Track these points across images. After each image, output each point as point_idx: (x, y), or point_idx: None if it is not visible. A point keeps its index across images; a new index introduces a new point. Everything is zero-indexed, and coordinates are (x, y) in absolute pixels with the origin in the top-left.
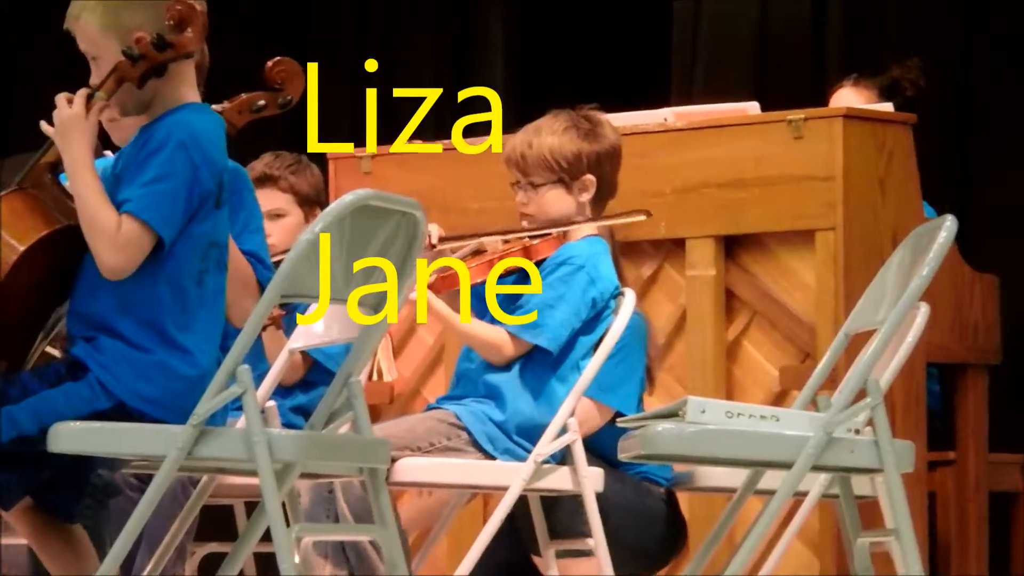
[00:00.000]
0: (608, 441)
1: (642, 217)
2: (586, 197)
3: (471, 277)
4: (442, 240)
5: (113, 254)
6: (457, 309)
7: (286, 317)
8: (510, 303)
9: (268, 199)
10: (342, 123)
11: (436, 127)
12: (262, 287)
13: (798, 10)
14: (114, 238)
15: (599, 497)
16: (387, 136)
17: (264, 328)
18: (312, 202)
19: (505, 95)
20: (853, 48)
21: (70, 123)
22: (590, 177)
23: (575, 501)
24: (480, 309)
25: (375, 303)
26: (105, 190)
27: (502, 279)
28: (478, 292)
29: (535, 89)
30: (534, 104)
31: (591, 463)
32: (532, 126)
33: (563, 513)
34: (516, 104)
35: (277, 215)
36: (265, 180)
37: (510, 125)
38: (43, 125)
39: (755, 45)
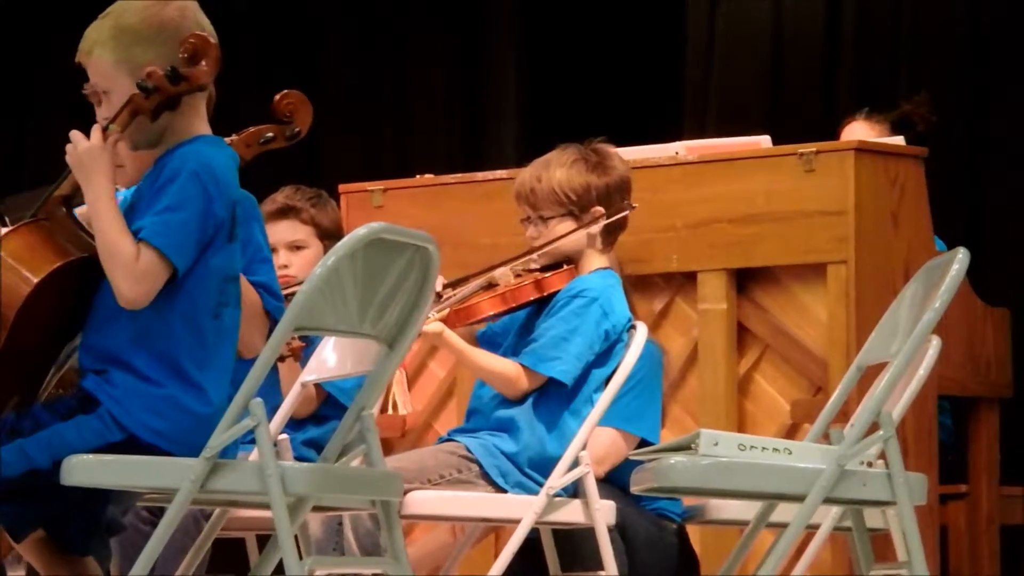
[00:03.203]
0: (631, 474)
1: (627, 211)
2: (596, 229)
3: (484, 310)
4: (446, 287)
5: (132, 284)
6: (472, 343)
7: (304, 349)
8: (523, 336)
9: (289, 230)
10: (353, 157)
11: (448, 161)
12: (272, 317)
13: (810, 43)
14: (133, 268)
15: (624, 530)
16: (398, 171)
17: (283, 359)
18: (332, 236)
19: (517, 129)
20: (865, 81)
21: (89, 155)
22: (600, 209)
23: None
24: (494, 343)
25: (389, 336)
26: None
27: (514, 313)
28: (491, 325)
29: (547, 123)
30: (546, 138)
31: (614, 496)
32: (540, 160)
33: (587, 545)
34: (528, 138)
35: (297, 246)
36: (287, 211)
37: (521, 159)
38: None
39: (767, 79)
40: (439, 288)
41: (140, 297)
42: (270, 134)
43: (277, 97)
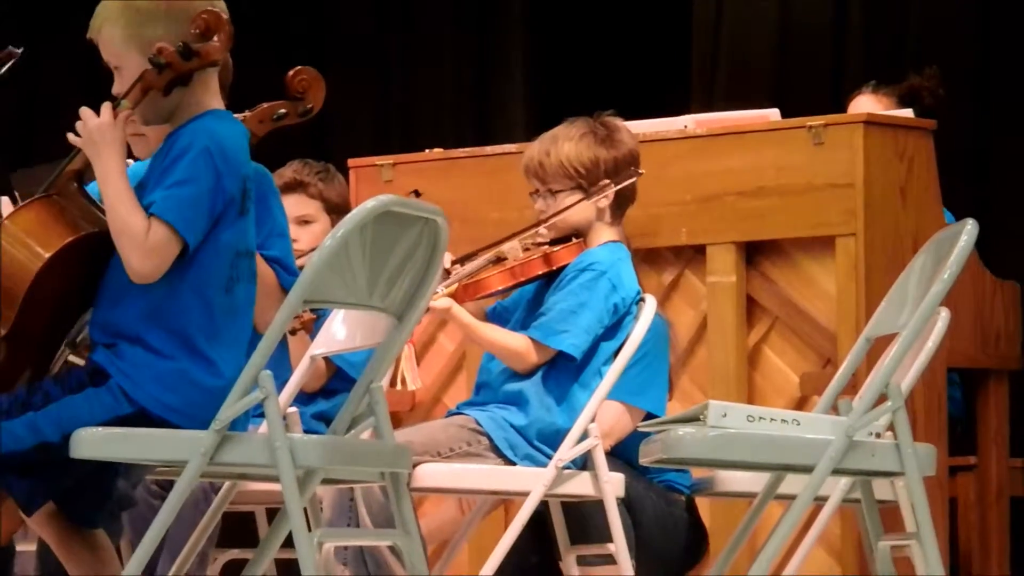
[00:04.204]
0: (637, 448)
1: (635, 178)
2: (605, 203)
3: (493, 285)
4: (454, 264)
5: (142, 259)
6: (481, 318)
7: (316, 322)
8: (532, 310)
9: (297, 205)
10: (363, 133)
11: (457, 136)
12: (287, 293)
13: (818, 16)
14: (143, 243)
15: (631, 504)
16: (408, 146)
17: (294, 332)
18: (340, 210)
19: (526, 104)
20: (873, 54)
21: (99, 131)
22: (608, 182)
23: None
24: (503, 319)
25: (398, 309)
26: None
27: (523, 287)
28: (501, 302)
29: (555, 98)
30: (554, 112)
31: (621, 470)
32: (549, 134)
33: (596, 518)
34: (536, 112)
35: (305, 221)
36: (295, 186)
37: (530, 133)
38: (71, 137)
39: (775, 51)
40: (447, 265)
41: (151, 272)
42: (283, 110)
43: (290, 73)
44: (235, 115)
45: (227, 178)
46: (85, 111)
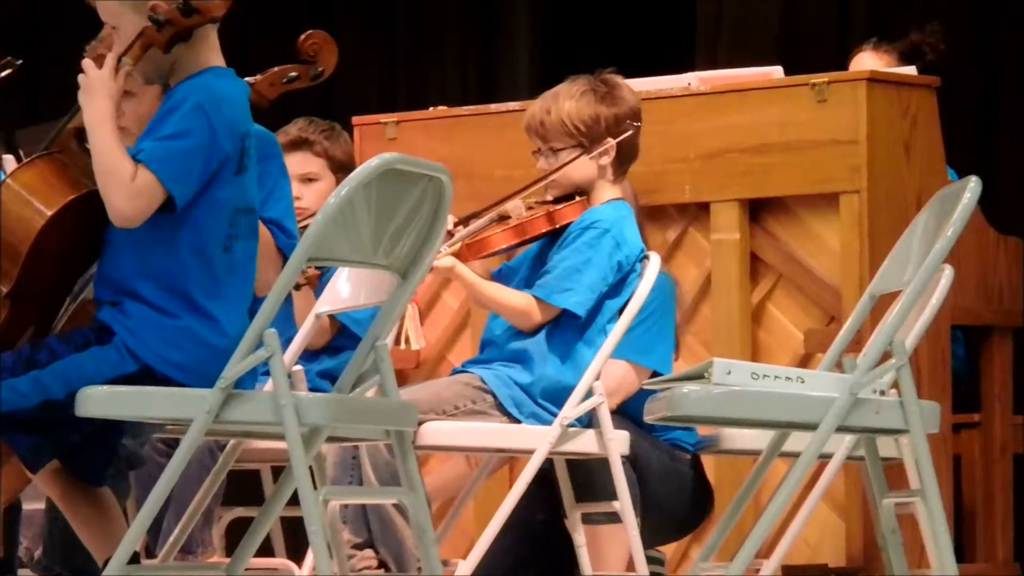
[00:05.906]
0: (643, 406)
1: (632, 131)
2: (607, 160)
3: (496, 243)
4: (457, 224)
5: (127, 201)
6: (485, 279)
7: (320, 278)
8: (536, 268)
9: (302, 163)
10: (367, 90)
11: (462, 94)
12: (283, 255)
13: None
14: (129, 186)
15: (636, 462)
16: (412, 104)
17: (298, 287)
18: (345, 168)
19: (530, 61)
20: (878, 10)
21: (96, 82)
22: (610, 141)
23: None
24: (508, 279)
25: (402, 267)
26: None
27: (527, 245)
28: (506, 264)
29: (559, 55)
30: (558, 70)
31: (627, 428)
32: (550, 93)
33: (601, 476)
34: (541, 70)
35: (310, 179)
36: (300, 144)
37: (534, 91)
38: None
39: (779, 9)
40: (450, 226)
41: (134, 214)
42: (294, 74)
43: (302, 37)
44: (246, 79)
45: (222, 135)
46: (88, 63)
